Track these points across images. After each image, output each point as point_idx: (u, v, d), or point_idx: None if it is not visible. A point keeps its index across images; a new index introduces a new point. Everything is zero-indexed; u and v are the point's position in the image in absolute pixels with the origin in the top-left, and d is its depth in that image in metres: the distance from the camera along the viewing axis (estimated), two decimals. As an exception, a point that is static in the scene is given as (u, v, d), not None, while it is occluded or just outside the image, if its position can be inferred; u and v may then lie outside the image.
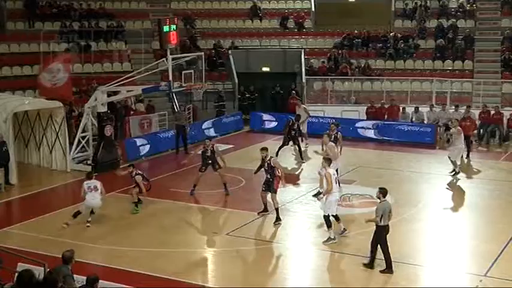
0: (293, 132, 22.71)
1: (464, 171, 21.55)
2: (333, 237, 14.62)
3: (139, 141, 23.76)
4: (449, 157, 20.48)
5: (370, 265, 13.31)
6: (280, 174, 16.29)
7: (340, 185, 15.56)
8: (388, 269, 13.16)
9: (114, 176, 18.97)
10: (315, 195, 17.50)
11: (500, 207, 17.78)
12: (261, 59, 31.87)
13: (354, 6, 35.61)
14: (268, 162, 16.22)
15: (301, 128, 23.43)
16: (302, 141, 23.71)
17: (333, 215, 14.79)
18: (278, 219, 16.00)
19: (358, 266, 13.64)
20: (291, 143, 22.89)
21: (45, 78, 23.10)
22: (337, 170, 16.68)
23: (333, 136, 19.20)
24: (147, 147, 23.82)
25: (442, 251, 14.61)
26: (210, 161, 18.43)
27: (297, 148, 22.94)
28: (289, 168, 21.76)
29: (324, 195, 14.88)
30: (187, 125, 24.71)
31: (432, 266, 13.78)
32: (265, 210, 16.59)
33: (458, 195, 19.11)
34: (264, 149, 16.55)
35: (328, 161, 15.14)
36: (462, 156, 22.33)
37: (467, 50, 31.59)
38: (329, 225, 14.65)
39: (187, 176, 20.23)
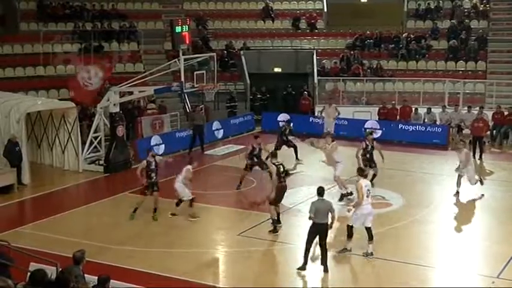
0: (285, 137, 22.54)
1: (478, 172, 21.52)
2: (349, 248, 14.24)
3: (152, 141, 23.76)
4: (470, 181, 18.91)
5: (302, 268, 13.23)
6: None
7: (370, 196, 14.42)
8: (303, 265, 13.17)
9: (125, 177, 19.00)
10: (339, 199, 17.59)
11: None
12: (272, 59, 31.87)
13: (366, 6, 35.53)
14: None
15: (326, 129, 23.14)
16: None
17: (367, 228, 14.17)
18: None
19: (368, 267, 13.61)
20: (284, 147, 22.27)
21: (81, 76, 23.24)
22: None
23: (369, 146, 18.82)
24: (162, 146, 23.86)
25: (454, 252, 14.55)
26: (257, 160, 18.65)
27: (293, 149, 22.55)
28: (302, 169, 21.76)
29: (353, 207, 14.68)
30: (204, 125, 24.71)
31: (444, 268, 13.72)
32: None
33: (470, 196, 19.00)
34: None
35: (360, 171, 14.78)
36: (475, 158, 22.36)
37: (480, 50, 31.43)
38: (350, 235, 14.22)
39: (198, 176, 20.23)
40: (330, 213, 13.13)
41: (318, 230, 13.12)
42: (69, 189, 20.25)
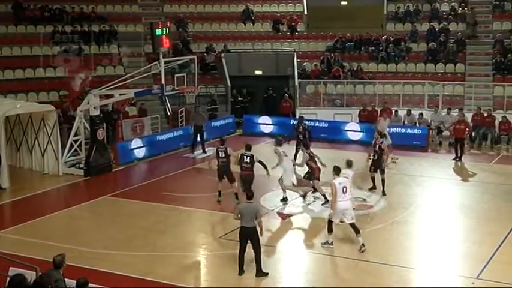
0: (301, 135, 22.16)
1: (456, 174, 21.70)
2: (330, 242, 14.58)
3: (133, 144, 23.69)
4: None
5: (239, 273, 13.26)
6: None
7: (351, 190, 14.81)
8: (240, 272, 13.20)
9: (105, 180, 18.85)
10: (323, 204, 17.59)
11: (492, 210, 17.82)
12: (253, 62, 31.87)
13: (346, 9, 35.72)
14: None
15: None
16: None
17: (350, 224, 14.58)
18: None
19: (350, 269, 13.67)
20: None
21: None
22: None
23: (377, 146, 18.93)
24: (143, 149, 23.77)
25: (435, 253, 14.63)
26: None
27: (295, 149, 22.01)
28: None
29: (329, 206, 15.11)
30: (204, 125, 24.68)
31: (424, 269, 13.82)
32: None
33: (450, 197, 19.17)
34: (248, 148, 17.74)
35: (336, 169, 14.82)
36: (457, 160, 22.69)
37: (459, 53, 31.70)
38: (330, 229, 14.57)
39: (182, 179, 20.20)
40: (256, 218, 13.06)
41: (246, 234, 13.12)
42: (49, 193, 20.08)
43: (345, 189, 14.43)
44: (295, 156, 21.19)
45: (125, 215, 17.39)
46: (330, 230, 14.62)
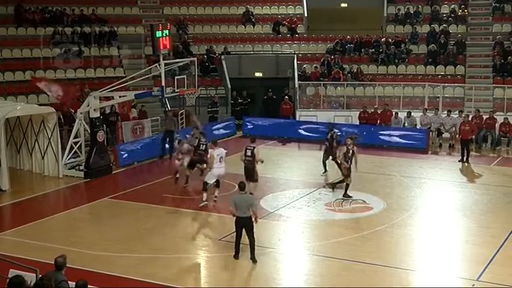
0: (330, 144, 20.97)
1: (457, 176, 21.73)
2: (204, 200, 17.49)
3: (132, 146, 23.68)
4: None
5: (235, 257, 14.06)
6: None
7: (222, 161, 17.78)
8: (235, 255, 14.00)
9: (105, 182, 18.85)
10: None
11: (492, 212, 17.83)
12: (253, 64, 31.90)
13: (346, 11, 35.73)
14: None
15: None
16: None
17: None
18: None
19: (350, 271, 13.67)
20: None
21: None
22: None
23: (350, 151, 18.57)
24: (141, 152, 23.76)
25: (435, 255, 14.63)
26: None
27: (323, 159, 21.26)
28: (283, 174, 21.82)
29: (209, 168, 17.72)
30: (176, 131, 24.54)
31: (425, 271, 13.81)
32: None
33: (450, 199, 19.16)
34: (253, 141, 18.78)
35: (214, 142, 18.23)
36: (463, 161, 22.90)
37: (459, 55, 31.72)
38: (204, 189, 17.58)
39: (182, 181, 20.17)
40: (250, 208, 13.70)
41: (241, 223, 13.79)
42: (49, 195, 20.08)
43: (221, 158, 17.70)
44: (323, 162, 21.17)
45: (125, 217, 17.39)
46: (204, 190, 17.59)
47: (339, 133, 21.99)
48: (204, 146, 18.91)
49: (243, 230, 13.81)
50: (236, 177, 19.70)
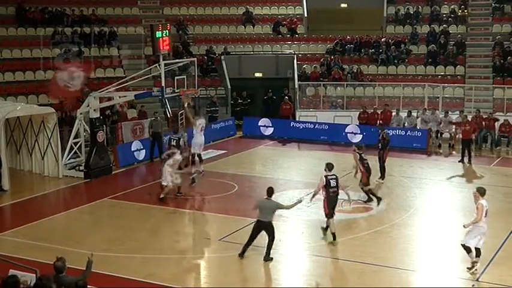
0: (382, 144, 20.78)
1: (456, 176, 21.72)
2: (201, 170, 19.38)
3: (133, 147, 23.68)
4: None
5: (240, 255, 14.09)
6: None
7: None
8: (241, 254, 14.06)
9: (105, 182, 18.83)
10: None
11: (492, 212, 17.68)
12: (253, 64, 31.91)
13: (346, 12, 35.75)
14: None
15: None
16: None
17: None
18: None
19: (350, 271, 13.67)
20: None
21: (62, 78, 22.95)
22: None
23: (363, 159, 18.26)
24: (143, 152, 23.77)
25: (435, 255, 14.63)
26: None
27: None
28: (283, 174, 21.82)
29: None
30: (162, 133, 24.40)
31: (424, 271, 13.82)
32: None
33: (450, 200, 19.16)
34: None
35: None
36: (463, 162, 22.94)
37: (458, 55, 31.72)
38: (201, 160, 18.98)
39: (181, 181, 20.15)
40: (273, 213, 13.96)
41: (260, 227, 13.94)
42: (49, 195, 20.09)
43: (202, 128, 19.55)
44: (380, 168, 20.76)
45: (124, 217, 17.39)
46: (201, 160, 19.39)
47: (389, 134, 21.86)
48: (175, 141, 20.07)
49: (259, 233, 13.95)
50: (236, 177, 19.83)
